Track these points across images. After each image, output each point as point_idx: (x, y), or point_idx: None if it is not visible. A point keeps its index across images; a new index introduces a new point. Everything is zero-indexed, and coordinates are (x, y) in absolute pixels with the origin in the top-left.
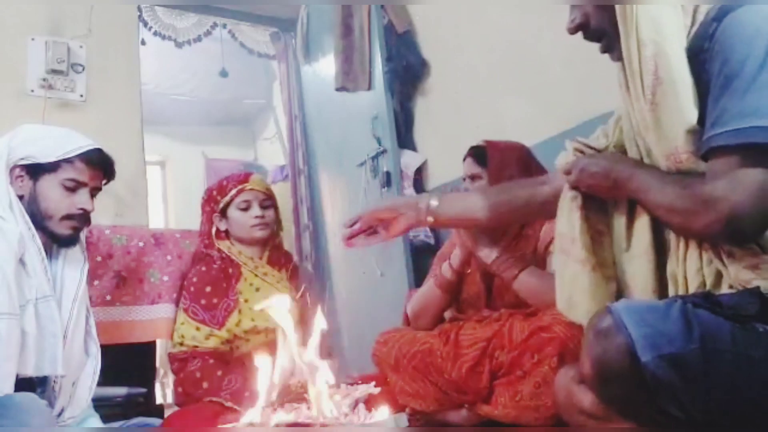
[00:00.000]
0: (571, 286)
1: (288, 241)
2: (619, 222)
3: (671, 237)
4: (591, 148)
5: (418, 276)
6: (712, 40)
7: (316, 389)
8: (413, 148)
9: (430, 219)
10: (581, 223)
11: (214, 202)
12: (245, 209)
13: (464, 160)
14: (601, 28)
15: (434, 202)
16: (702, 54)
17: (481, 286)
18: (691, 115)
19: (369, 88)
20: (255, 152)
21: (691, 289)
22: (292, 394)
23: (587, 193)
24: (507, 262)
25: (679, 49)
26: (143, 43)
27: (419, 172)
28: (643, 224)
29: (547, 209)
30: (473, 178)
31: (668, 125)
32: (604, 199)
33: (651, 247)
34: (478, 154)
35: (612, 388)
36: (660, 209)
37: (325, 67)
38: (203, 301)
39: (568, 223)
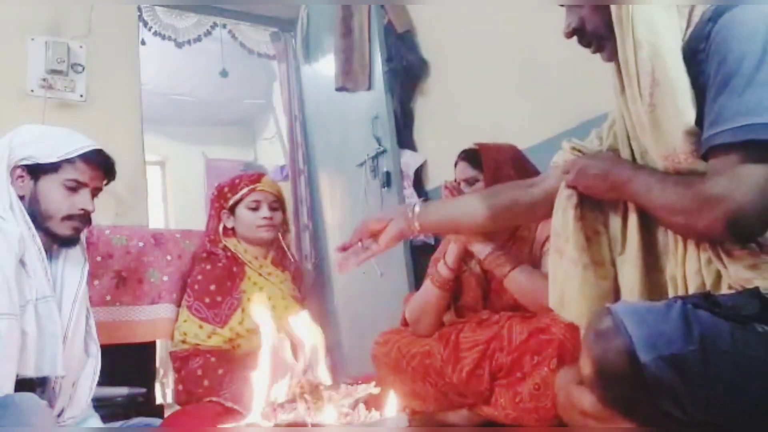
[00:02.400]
0: (564, 285)
1: (289, 241)
2: (615, 224)
3: (670, 239)
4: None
5: (418, 276)
6: (708, 40)
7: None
8: (413, 148)
9: (416, 225)
10: (575, 222)
11: (224, 199)
12: (254, 209)
13: (455, 164)
14: (597, 31)
15: (418, 209)
16: (698, 55)
17: (478, 291)
18: (689, 116)
19: (369, 88)
20: (255, 152)
21: (691, 291)
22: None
23: (584, 193)
24: (500, 258)
25: (675, 49)
26: (143, 43)
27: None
28: (633, 227)
29: (536, 211)
30: (469, 181)
31: (666, 126)
32: (601, 200)
33: (640, 251)
34: (471, 157)
35: (612, 389)
36: (661, 210)
37: (325, 67)
38: (207, 299)
39: (563, 222)
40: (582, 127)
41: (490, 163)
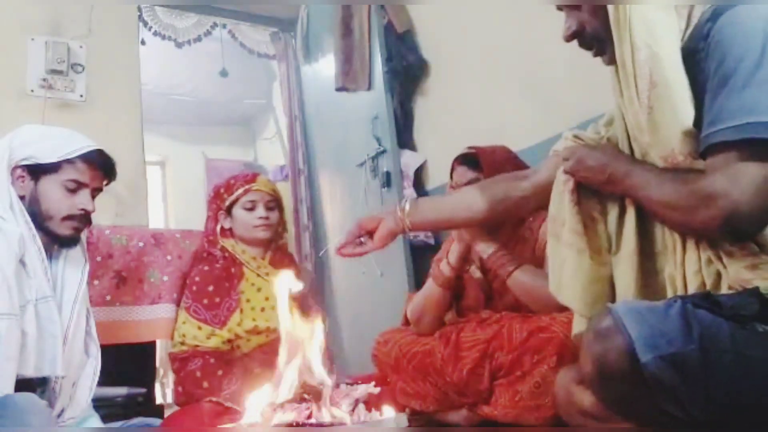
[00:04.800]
0: (561, 269)
1: (288, 241)
2: (611, 219)
3: (668, 239)
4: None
5: (418, 276)
6: (706, 40)
7: (318, 391)
8: (413, 148)
9: (408, 223)
10: (572, 206)
11: (221, 200)
12: (250, 209)
13: (452, 169)
14: (597, 34)
15: (408, 207)
16: (697, 54)
17: (480, 294)
18: (687, 118)
19: (369, 88)
20: (255, 152)
21: (690, 291)
22: (293, 393)
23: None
24: (503, 258)
25: (673, 52)
26: (143, 43)
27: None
28: (630, 227)
29: (527, 204)
30: (471, 183)
31: (664, 128)
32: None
33: (636, 253)
34: (469, 160)
35: (612, 389)
36: (658, 206)
37: (325, 67)
38: (205, 301)
39: (559, 207)
40: (582, 127)
41: (490, 164)
